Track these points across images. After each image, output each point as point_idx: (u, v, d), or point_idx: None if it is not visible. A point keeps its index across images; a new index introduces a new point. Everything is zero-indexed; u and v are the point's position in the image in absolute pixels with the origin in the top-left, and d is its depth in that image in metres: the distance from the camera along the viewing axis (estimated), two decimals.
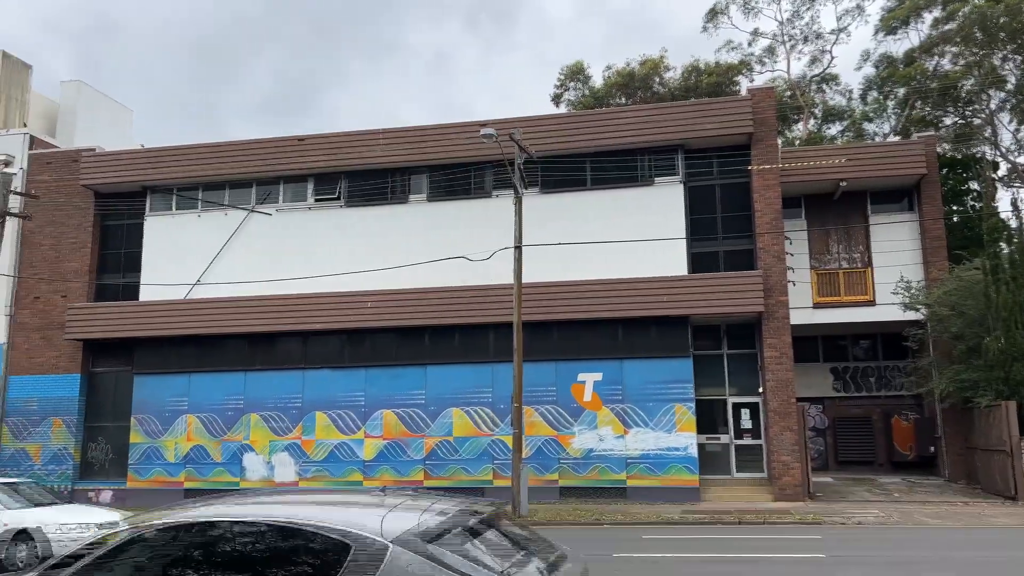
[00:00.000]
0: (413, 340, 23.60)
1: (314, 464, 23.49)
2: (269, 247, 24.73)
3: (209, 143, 25.61)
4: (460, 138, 23.71)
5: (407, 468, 22.95)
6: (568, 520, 18.27)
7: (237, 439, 24.01)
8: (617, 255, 22.15)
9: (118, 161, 25.85)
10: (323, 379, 23.89)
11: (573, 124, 23.54)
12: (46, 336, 25.49)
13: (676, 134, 22.62)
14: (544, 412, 22.44)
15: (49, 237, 26.13)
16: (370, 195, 24.62)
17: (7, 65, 30.01)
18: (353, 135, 24.63)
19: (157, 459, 24.30)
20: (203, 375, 24.44)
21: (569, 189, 23.37)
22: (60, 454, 24.81)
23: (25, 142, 26.94)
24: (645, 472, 21.67)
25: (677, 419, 21.71)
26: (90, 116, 32.33)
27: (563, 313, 22.18)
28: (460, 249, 22.75)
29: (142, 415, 24.61)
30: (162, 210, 25.85)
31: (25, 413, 25.20)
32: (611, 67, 42.20)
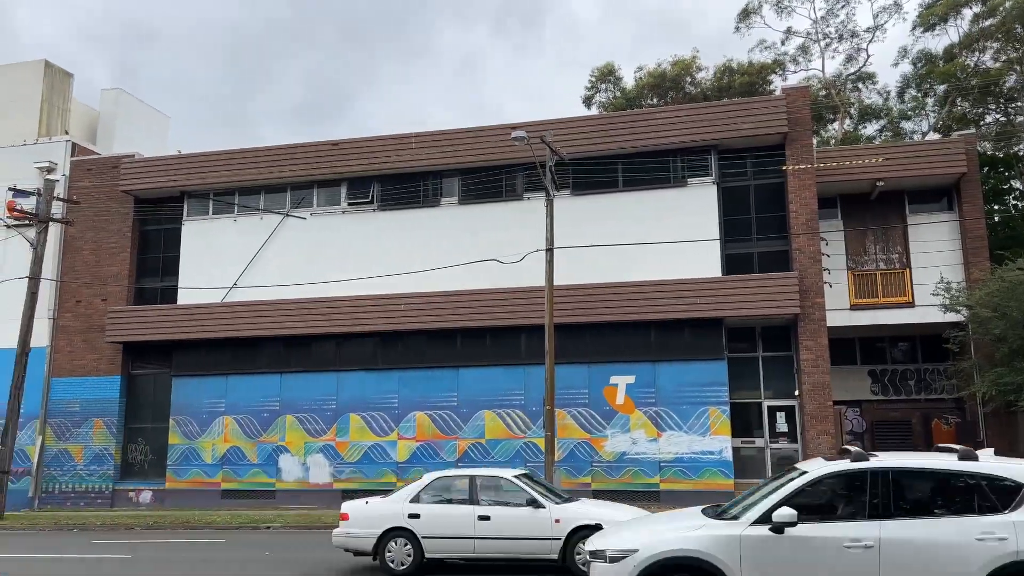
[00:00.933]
0: (445, 342, 23.70)
1: (348, 465, 23.69)
2: (304, 250, 25.01)
3: (244, 148, 25.99)
4: (491, 141, 23.77)
5: (439, 469, 22.98)
6: None
7: (273, 440, 24.30)
8: (650, 257, 22.04)
9: (156, 167, 26.34)
10: (357, 381, 24.09)
11: (605, 125, 23.47)
12: (87, 339, 26.04)
13: (710, 134, 22.45)
14: (576, 415, 22.38)
15: (90, 242, 26.70)
16: (403, 198, 24.78)
17: (49, 74, 30.71)
18: (386, 139, 24.82)
19: (195, 460, 24.68)
20: (240, 377, 24.78)
21: (601, 191, 23.31)
22: (101, 455, 25.31)
23: (67, 149, 27.56)
24: (679, 476, 21.51)
25: (711, 422, 21.52)
26: (129, 123, 32.96)
27: (595, 315, 22.11)
28: (492, 252, 22.80)
29: (180, 417, 25.02)
30: (199, 215, 26.27)
31: (67, 414, 25.76)
32: (642, 68, 41.99)
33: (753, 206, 22.92)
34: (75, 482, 25.30)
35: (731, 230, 22.81)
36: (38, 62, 30.71)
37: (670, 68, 40.99)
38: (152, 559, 14.86)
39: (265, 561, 14.22)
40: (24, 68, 30.80)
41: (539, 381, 21.51)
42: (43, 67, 30.54)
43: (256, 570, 13.33)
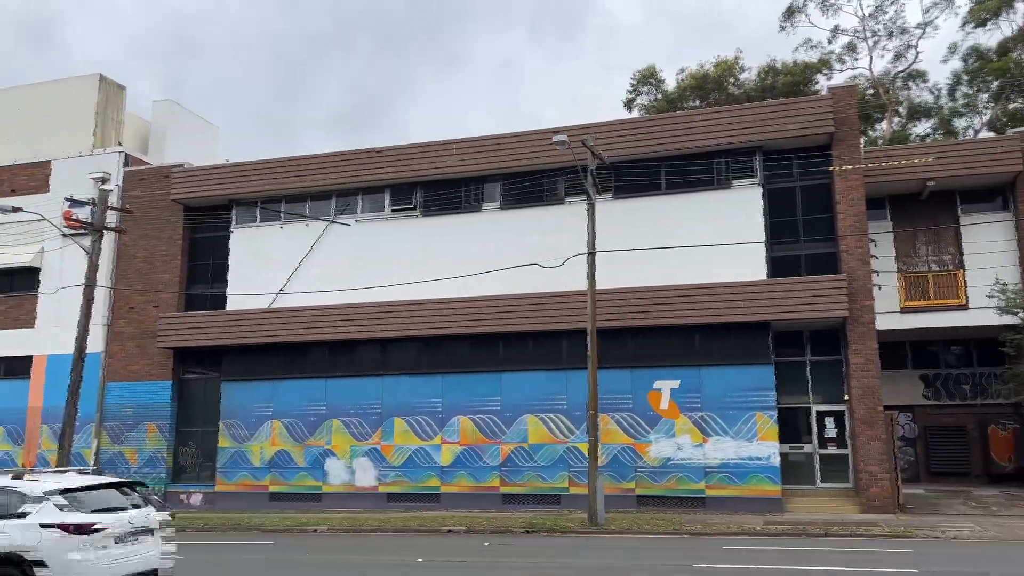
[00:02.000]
0: (488, 347, 23.77)
1: (393, 469, 23.89)
2: (349, 257, 25.34)
3: (290, 157, 26.43)
4: (532, 146, 23.81)
5: (483, 474, 23.10)
6: (646, 529, 18.04)
7: (319, 444, 24.63)
8: (694, 260, 21.82)
9: (205, 176, 26.93)
10: (401, 385, 24.30)
11: (647, 128, 23.33)
12: (140, 344, 26.73)
13: (754, 136, 22.16)
14: (620, 420, 22.25)
15: (142, 250, 27.41)
16: (444, 204, 24.95)
17: (103, 88, 31.64)
18: (427, 146, 25.02)
19: (244, 463, 25.14)
20: (287, 382, 25.19)
21: (644, 194, 23.17)
22: (154, 458, 25.94)
23: (120, 160, 28.36)
24: (725, 482, 21.24)
25: (758, 427, 21.21)
26: (179, 133, 33.77)
27: (638, 319, 21.97)
28: (533, 256, 22.82)
29: (230, 420, 25.52)
30: (247, 222, 26.79)
31: (121, 418, 26.45)
32: (684, 70, 41.68)
33: (799, 208, 22.56)
34: None
35: (777, 232, 22.49)
36: (93, 76, 31.66)
37: (712, 69, 40.62)
38: (199, 561, 15.15)
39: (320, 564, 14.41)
40: (80, 82, 31.79)
41: (582, 385, 21.44)
42: (98, 81, 31.47)
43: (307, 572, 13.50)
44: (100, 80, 31.50)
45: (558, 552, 15.43)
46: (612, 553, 15.03)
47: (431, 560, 14.56)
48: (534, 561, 14.34)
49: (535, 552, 15.43)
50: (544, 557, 14.78)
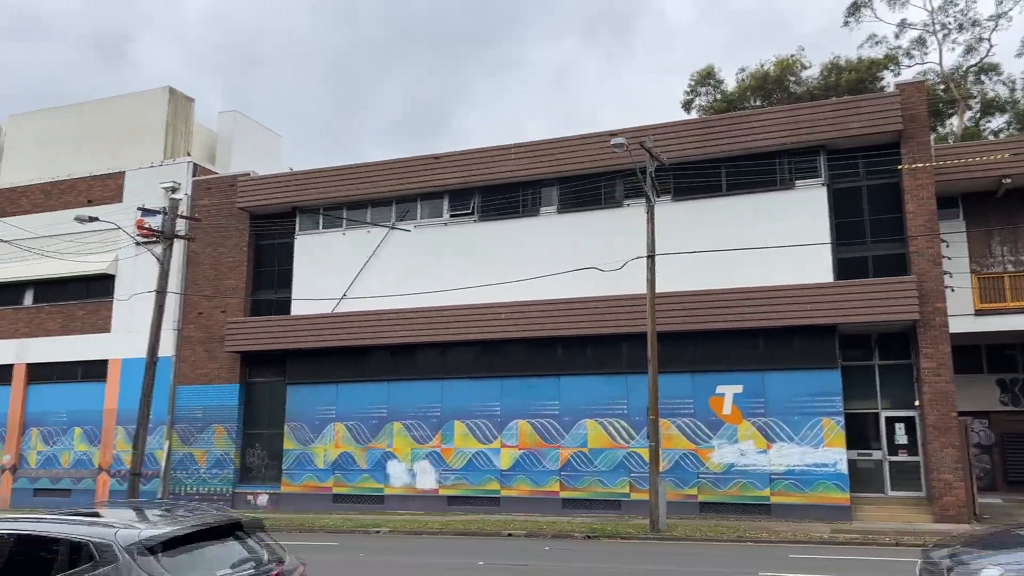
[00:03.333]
0: (546, 351, 23.76)
1: (453, 472, 24.05)
2: (408, 262, 25.65)
3: (351, 164, 26.89)
4: (590, 149, 23.73)
5: (543, 478, 23.08)
6: (709, 536, 17.76)
7: (381, 447, 24.97)
8: (756, 262, 21.44)
9: (270, 184, 27.61)
10: (460, 389, 24.47)
11: (706, 129, 23.02)
12: (208, 349, 27.52)
13: (818, 135, 21.66)
14: (681, 425, 21.97)
15: (210, 257, 28.24)
16: (502, 209, 25.05)
17: (172, 100, 32.75)
18: (485, 151, 25.17)
19: (308, 465, 25.65)
20: (349, 385, 25.62)
21: (704, 196, 22.87)
22: (222, 459, 26.66)
23: (189, 170, 29.28)
24: (790, 489, 20.76)
25: (824, 433, 20.68)
26: (244, 143, 34.74)
27: (699, 323, 21.67)
28: (592, 259, 22.73)
29: (294, 423, 26.08)
30: (310, 229, 27.36)
31: (191, 420, 27.28)
32: (744, 69, 41.02)
33: (866, 208, 21.95)
34: (198, 485, 26.72)
35: (843, 233, 21.92)
36: (163, 89, 32.80)
37: (773, 68, 39.86)
38: None
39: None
40: (150, 96, 32.98)
41: (642, 390, 21.25)
42: (167, 94, 32.59)
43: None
44: (170, 93, 32.61)
45: (619, 558, 15.31)
46: (674, 560, 14.85)
47: (492, 563, 14.61)
48: (595, 566, 14.26)
49: (596, 557, 15.34)
50: (605, 563, 14.68)
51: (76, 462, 28.72)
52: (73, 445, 28.91)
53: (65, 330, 29.64)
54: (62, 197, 30.70)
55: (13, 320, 30.53)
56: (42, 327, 30.04)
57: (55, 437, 29.28)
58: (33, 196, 31.24)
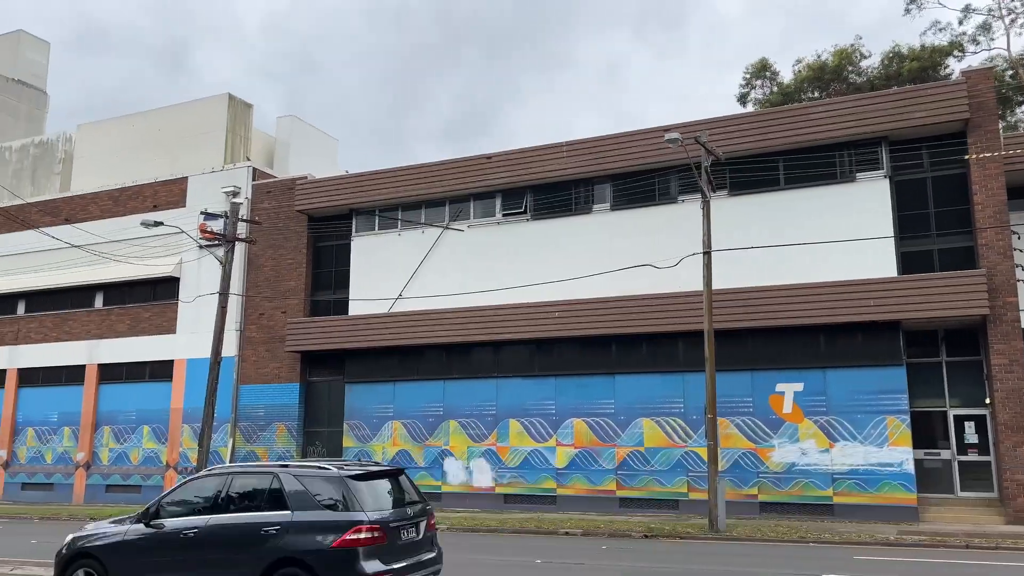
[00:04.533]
0: (600, 349, 23.67)
1: (509, 471, 24.15)
2: (462, 261, 25.84)
3: (405, 166, 27.19)
4: (642, 145, 23.55)
5: (599, 477, 23.00)
6: (770, 537, 17.47)
7: (438, 444, 25.21)
8: (816, 258, 21.00)
9: (327, 187, 28.11)
10: (515, 387, 24.55)
11: (763, 122, 22.62)
12: (270, 349, 28.17)
13: (879, 126, 21.08)
14: (740, 424, 21.65)
15: (270, 259, 28.90)
16: (554, 207, 25.04)
17: (232, 106, 33.61)
18: (536, 150, 25.19)
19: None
20: (406, 383, 25.94)
21: (761, 190, 22.49)
22: (284, 456, 27.23)
23: (249, 174, 30.01)
24: (854, 489, 20.28)
25: (889, 432, 20.14)
26: (302, 147, 35.46)
27: (758, 320, 21.31)
28: (646, 257, 22.56)
29: (353, 421, 26.52)
30: (366, 230, 27.77)
31: (254, 419, 27.96)
32: (801, 60, 40.14)
33: (931, 200, 21.30)
34: None
35: (906, 226, 21.31)
36: (222, 96, 33.70)
37: (831, 59, 38.92)
38: None
39: None
40: (211, 102, 33.91)
41: (699, 389, 21.02)
42: (227, 100, 33.47)
43: None
44: (229, 99, 33.48)
45: (678, 558, 15.17)
46: (735, 560, 14.65)
47: (549, 561, 14.63)
48: (653, 566, 14.16)
49: (654, 557, 15.23)
50: (664, 562, 14.57)
51: (145, 459, 29.71)
52: (142, 443, 29.91)
53: (133, 331, 30.68)
54: (129, 203, 31.77)
55: (85, 322, 31.74)
56: (112, 329, 31.15)
57: (125, 435, 30.34)
58: (102, 202, 32.40)
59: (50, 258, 32.03)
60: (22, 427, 32.49)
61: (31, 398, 32.49)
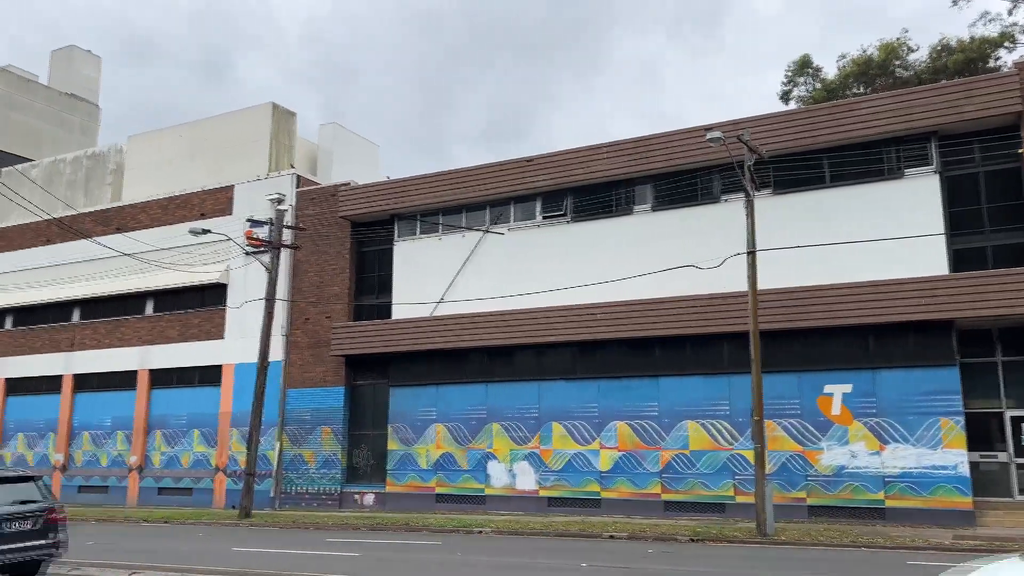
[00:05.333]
0: (643, 351, 23.52)
1: (553, 473, 24.11)
2: (503, 264, 25.90)
3: (445, 171, 27.38)
4: (684, 144, 23.36)
5: (644, 480, 22.85)
6: (819, 541, 17.15)
7: (481, 447, 25.29)
8: (864, 256, 20.59)
9: (369, 193, 28.42)
10: (557, 390, 24.52)
11: (807, 119, 22.28)
12: (315, 353, 28.56)
13: (928, 120, 20.62)
14: (787, 426, 21.32)
15: (315, 264, 29.31)
16: (595, 209, 24.97)
17: (276, 115, 34.18)
18: (576, 152, 25.15)
19: (411, 465, 26.25)
20: (449, 386, 26.08)
21: (805, 188, 22.15)
22: (330, 459, 27.60)
23: (293, 181, 30.49)
24: (906, 492, 19.82)
25: (943, 434, 19.65)
26: (344, 153, 35.91)
27: (804, 320, 20.97)
28: (689, 257, 22.37)
29: (397, 424, 26.74)
30: (408, 235, 28.02)
31: (300, 422, 28.37)
32: (845, 56, 39.40)
33: (983, 195, 20.75)
34: (308, 484, 27.75)
35: (958, 223, 20.80)
36: (266, 105, 34.29)
37: (876, 53, 38.14)
38: (378, 558, 15.95)
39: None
40: (255, 112, 34.53)
41: (744, 391, 20.76)
42: (271, 109, 34.05)
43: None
44: (273, 108, 34.06)
45: (726, 562, 14.99)
46: (785, 564, 14.42)
47: (594, 565, 14.56)
48: (700, 570, 14.02)
49: (701, 561, 15.08)
50: (711, 566, 14.41)
51: (195, 462, 30.34)
52: (192, 446, 30.55)
53: (183, 337, 31.38)
54: (177, 211, 32.51)
55: (137, 328, 32.55)
56: (162, 335, 31.91)
57: (176, 439, 31.02)
58: (151, 211, 33.21)
59: (103, 266, 32.94)
60: (78, 431, 33.44)
61: (86, 403, 33.43)
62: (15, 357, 35.39)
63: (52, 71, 48.69)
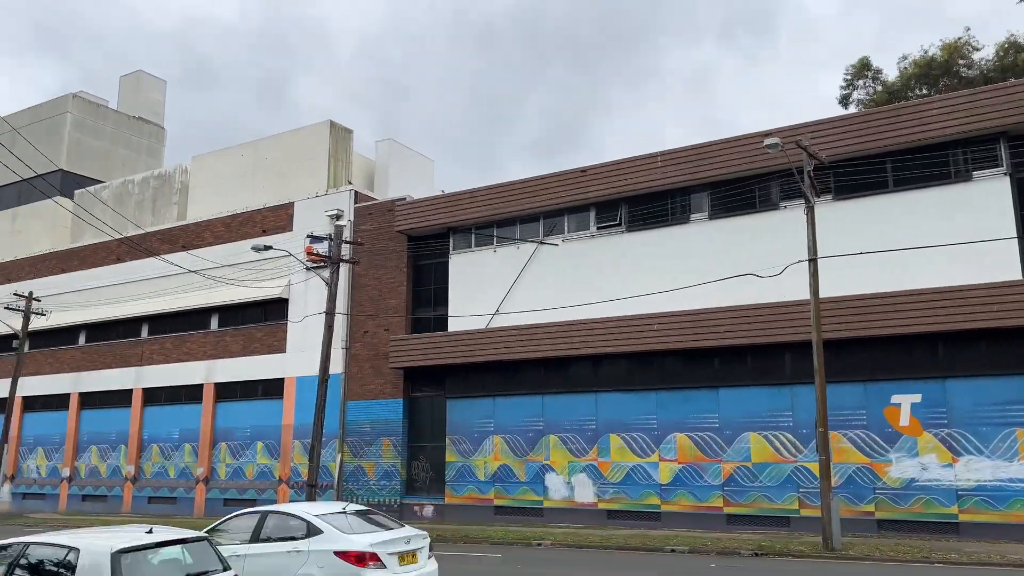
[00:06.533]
0: (702, 362, 23.19)
1: (611, 486, 23.91)
2: (558, 275, 25.88)
3: (499, 183, 27.54)
4: (741, 151, 23.05)
5: (705, 493, 22.48)
6: (889, 556, 16.61)
7: (538, 459, 25.24)
8: (931, 262, 19.96)
9: (425, 207, 28.76)
10: (615, 402, 24.33)
11: (868, 122, 21.75)
12: (374, 366, 28.94)
13: (997, 120, 19.91)
14: (853, 437, 20.75)
15: (373, 278, 29.75)
16: (650, 218, 24.79)
17: (334, 133, 34.91)
18: (630, 161, 25.02)
19: (469, 477, 26.34)
20: (505, 398, 26.12)
21: (868, 193, 21.61)
22: (389, 471, 27.89)
23: (351, 197, 31.04)
24: (981, 506, 19.07)
25: (1020, 446, 18.86)
26: (399, 169, 36.46)
27: (869, 329, 20.40)
28: (747, 266, 22.02)
29: (455, 436, 26.88)
30: (463, 248, 28.24)
31: (360, 434, 28.75)
32: (906, 57, 38.42)
33: None
34: (368, 496, 28.07)
35: None
36: (324, 123, 35.05)
37: (939, 53, 37.09)
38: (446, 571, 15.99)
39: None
40: (313, 130, 35.33)
41: (807, 401, 20.29)
42: (328, 127, 34.80)
43: None
44: (331, 126, 34.80)
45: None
46: None
47: None
48: None
49: (766, 575, 14.75)
50: None
51: (259, 474, 30.99)
52: (256, 458, 31.22)
53: (246, 351, 32.14)
54: (240, 228, 33.39)
55: (202, 343, 33.48)
56: (226, 349, 32.73)
57: (240, 451, 31.75)
58: (215, 229, 34.19)
59: (169, 283, 34.00)
60: (147, 444, 34.49)
61: (155, 416, 34.48)
62: (88, 372, 36.75)
63: (121, 95, 50.64)
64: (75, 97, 46.76)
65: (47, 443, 37.78)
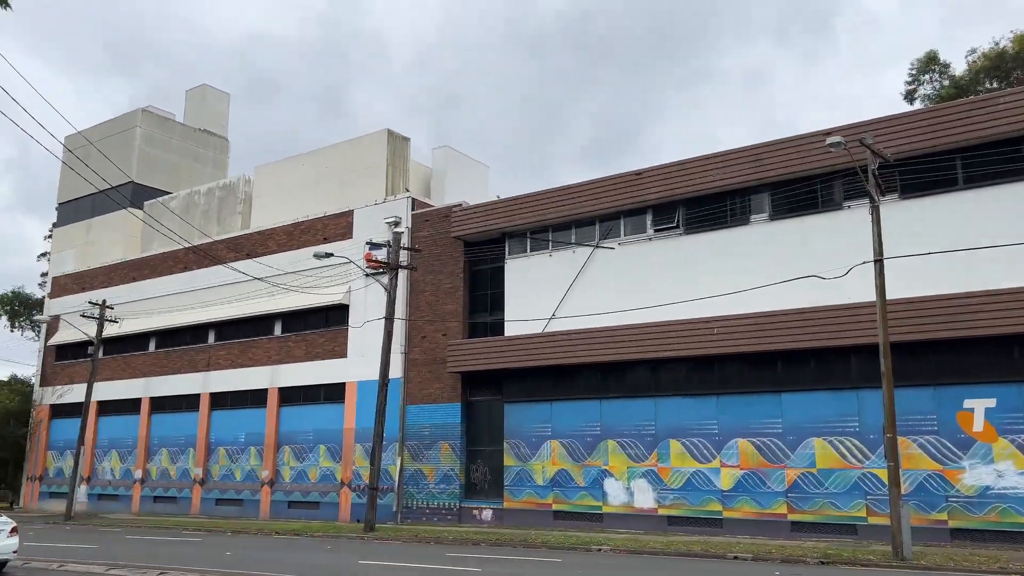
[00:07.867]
0: (764, 366, 22.78)
1: (671, 492, 23.64)
2: (614, 279, 25.74)
3: (554, 188, 27.52)
4: (802, 151, 22.59)
5: (768, 500, 22.05)
6: (964, 566, 16.00)
7: (597, 464, 25.10)
8: (1003, 261, 19.22)
9: (480, 213, 28.94)
10: (674, 406, 24.06)
11: (936, 118, 21.07)
12: (432, 370, 29.22)
13: None
14: (923, 443, 20.09)
15: (430, 284, 30.06)
16: (709, 220, 24.47)
17: (391, 141, 35.42)
18: (687, 163, 24.74)
19: (527, 481, 26.36)
20: (562, 403, 26.07)
21: (936, 191, 20.94)
22: (448, 475, 28.10)
23: (408, 204, 31.44)
24: None
25: None
26: (455, 175, 36.77)
27: (940, 331, 19.73)
28: (810, 267, 21.55)
29: (513, 440, 26.93)
30: (519, 253, 28.32)
31: (420, 438, 29.03)
32: (975, 50, 37.11)
33: None
34: (428, 499, 28.33)
35: None
36: (381, 132, 35.59)
37: (1011, 45, 35.72)
38: (499, 574, 16.07)
39: None
40: (371, 139, 35.91)
41: (874, 406, 19.74)
42: (386, 135, 35.33)
43: None
44: (388, 135, 35.32)
45: None
46: None
47: None
48: None
49: None
50: None
51: (322, 477, 31.56)
52: (319, 461, 31.81)
53: (308, 356, 32.80)
54: (302, 237, 34.13)
55: (267, 349, 34.31)
56: (289, 354, 33.47)
57: (304, 454, 32.39)
58: (278, 237, 35.02)
59: (235, 291, 34.95)
60: (215, 447, 35.48)
61: (221, 420, 35.45)
62: (158, 377, 38.02)
63: (187, 109, 52.31)
64: (144, 112, 48.48)
65: (120, 446, 39.19)
